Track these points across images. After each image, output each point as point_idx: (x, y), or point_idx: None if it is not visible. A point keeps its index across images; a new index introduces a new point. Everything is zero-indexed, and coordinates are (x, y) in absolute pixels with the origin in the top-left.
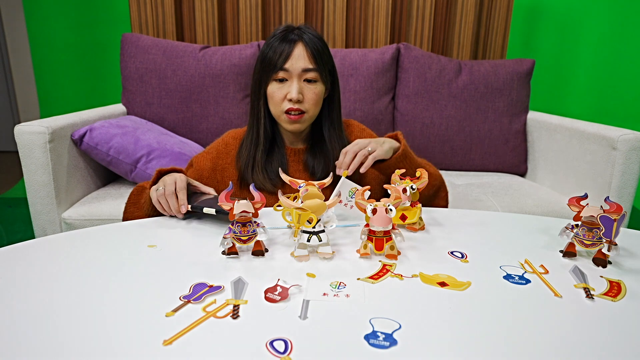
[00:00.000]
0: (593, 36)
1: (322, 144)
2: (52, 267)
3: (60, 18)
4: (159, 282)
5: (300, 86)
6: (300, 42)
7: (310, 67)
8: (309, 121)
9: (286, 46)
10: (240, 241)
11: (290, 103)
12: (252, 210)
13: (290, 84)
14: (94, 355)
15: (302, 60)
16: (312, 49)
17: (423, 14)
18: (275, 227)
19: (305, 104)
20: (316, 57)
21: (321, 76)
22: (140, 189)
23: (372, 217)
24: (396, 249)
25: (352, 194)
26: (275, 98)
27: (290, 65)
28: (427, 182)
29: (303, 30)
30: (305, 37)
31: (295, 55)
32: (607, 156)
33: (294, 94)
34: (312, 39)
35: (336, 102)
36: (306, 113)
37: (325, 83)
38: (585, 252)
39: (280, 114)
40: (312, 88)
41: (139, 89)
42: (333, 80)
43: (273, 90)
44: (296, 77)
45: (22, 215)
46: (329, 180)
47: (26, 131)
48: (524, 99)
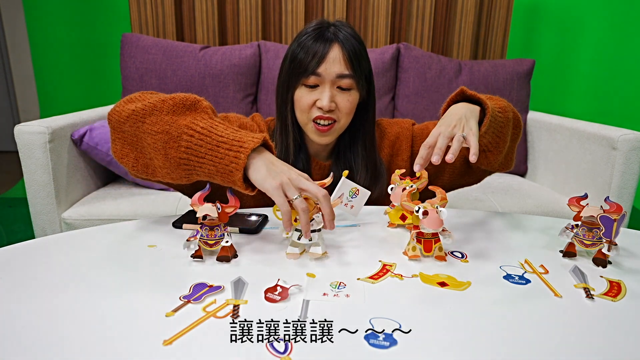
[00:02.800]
0: (593, 36)
1: (348, 158)
2: (52, 267)
3: (60, 18)
4: (159, 282)
5: (333, 93)
6: (336, 42)
7: (346, 74)
8: (339, 132)
9: (320, 47)
10: (207, 245)
11: (320, 111)
12: (215, 214)
13: (322, 91)
14: (94, 355)
15: (338, 64)
16: (350, 51)
17: (423, 14)
18: (276, 226)
19: (338, 114)
20: (353, 61)
21: (357, 84)
22: (201, 107)
23: (422, 219)
24: (444, 250)
25: (352, 194)
26: (302, 104)
27: (323, 70)
28: (427, 182)
29: (339, 28)
30: (341, 36)
31: (330, 59)
32: (607, 156)
33: (326, 102)
34: (349, 39)
35: (371, 111)
36: (337, 123)
37: (360, 90)
38: (585, 252)
39: (307, 122)
40: (346, 96)
41: (139, 89)
42: (369, 87)
43: (301, 95)
44: (329, 84)
45: (22, 215)
46: (329, 180)
47: (26, 131)
48: (524, 99)
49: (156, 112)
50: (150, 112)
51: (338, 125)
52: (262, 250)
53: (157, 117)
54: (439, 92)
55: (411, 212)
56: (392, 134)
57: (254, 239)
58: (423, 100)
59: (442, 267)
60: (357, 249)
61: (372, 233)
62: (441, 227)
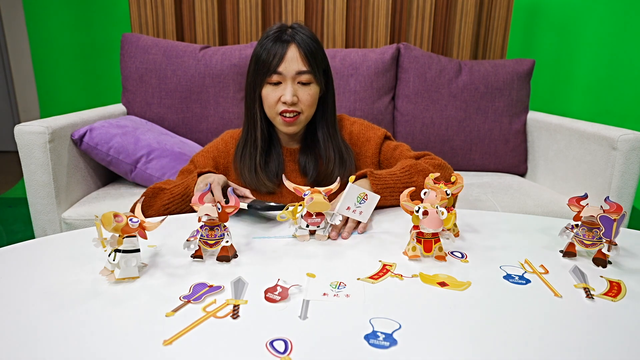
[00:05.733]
0: (593, 36)
1: (315, 144)
2: (52, 267)
3: (60, 18)
4: (159, 282)
5: (295, 89)
6: (293, 43)
7: (304, 70)
8: (304, 122)
9: (279, 48)
10: (207, 245)
11: (284, 105)
12: (215, 214)
13: (285, 87)
14: (94, 354)
15: (296, 62)
16: (305, 50)
17: (423, 14)
18: (280, 236)
19: (300, 105)
20: (309, 58)
21: (315, 77)
22: (157, 191)
23: (422, 219)
24: (444, 250)
25: (360, 199)
26: (269, 100)
27: (284, 69)
28: (462, 187)
29: (296, 30)
30: (297, 37)
31: (289, 58)
32: (607, 156)
33: (289, 97)
34: (305, 40)
35: (330, 102)
36: (301, 114)
37: (319, 84)
38: (585, 252)
39: (275, 116)
40: (307, 90)
41: (139, 89)
42: (327, 80)
43: (267, 93)
44: (290, 80)
45: (22, 215)
46: (335, 186)
47: (26, 131)
48: (524, 99)
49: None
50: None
51: (302, 116)
52: (262, 250)
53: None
54: (439, 92)
55: (411, 212)
56: (353, 132)
57: (254, 240)
58: (423, 100)
59: (442, 267)
60: (357, 249)
61: (372, 233)
62: (441, 227)
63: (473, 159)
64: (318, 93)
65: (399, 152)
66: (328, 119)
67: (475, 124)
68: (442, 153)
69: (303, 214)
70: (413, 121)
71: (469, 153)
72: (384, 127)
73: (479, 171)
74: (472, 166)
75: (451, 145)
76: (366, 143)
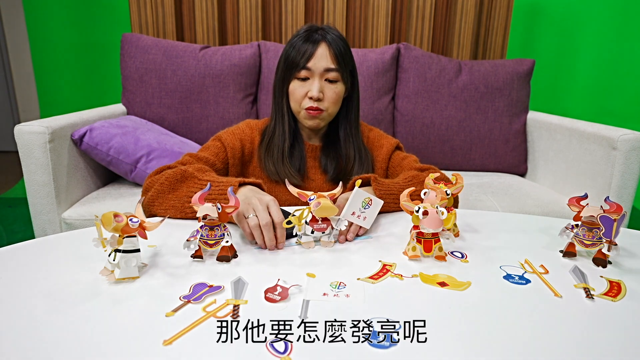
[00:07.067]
0: (593, 36)
1: (336, 143)
2: (52, 267)
3: (60, 18)
4: (159, 282)
5: (322, 85)
6: (323, 42)
7: (332, 67)
8: (328, 119)
9: (309, 46)
10: (207, 245)
11: (310, 101)
12: (215, 214)
13: (312, 83)
14: (94, 354)
15: (325, 60)
16: (335, 49)
17: (423, 14)
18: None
19: (325, 103)
20: (338, 57)
21: (342, 76)
22: (188, 176)
23: (422, 219)
24: (444, 250)
25: (365, 204)
26: (296, 95)
27: (312, 65)
28: (462, 186)
29: (326, 31)
30: (328, 37)
31: (318, 55)
32: (607, 156)
33: (315, 92)
34: (335, 40)
35: (355, 102)
36: (325, 111)
37: (345, 83)
38: (585, 252)
39: (300, 110)
40: (333, 87)
41: (139, 89)
42: (353, 81)
43: (295, 88)
44: (318, 76)
45: (22, 215)
46: (338, 190)
47: (26, 131)
48: (524, 99)
49: (161, 195)
50: (156, 197)
51: (326, 113)
52: (262, 250)
53: (162, 199)
54: (439, 92)
55: (411, 212)
56: (370, 137)
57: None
58: (423, 100)
59: (442, 267)
60: (357, 249)
61: (372, 233)
62: (441, 227)
63: (473, 159)
64: (343, 92)
65: (406, 163)
66: (351, 119)
67: (475, 124)
68: (442, 153)
69: (308, 219)
70: (413, 121)
71: (469, 153)
72: (384, 127)
73: (479, 171)
74: (472, 166)
75: (451, 145)
76: (380, 149)
